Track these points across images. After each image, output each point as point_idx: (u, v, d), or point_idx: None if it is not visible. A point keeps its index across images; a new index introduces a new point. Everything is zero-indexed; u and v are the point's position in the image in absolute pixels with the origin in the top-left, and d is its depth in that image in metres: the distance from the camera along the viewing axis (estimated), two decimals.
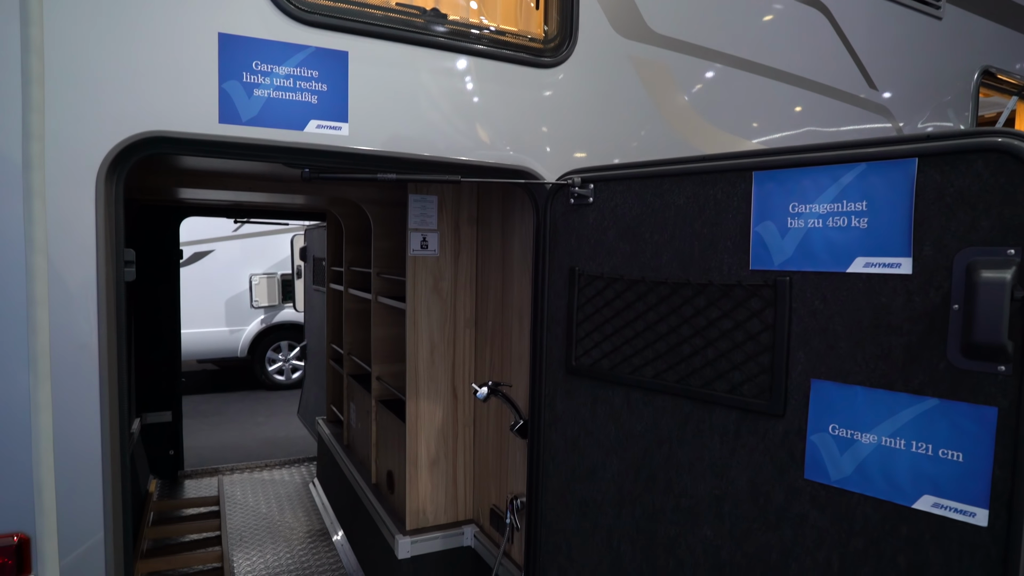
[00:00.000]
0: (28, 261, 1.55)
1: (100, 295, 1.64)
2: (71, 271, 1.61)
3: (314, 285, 5.76)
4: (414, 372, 2.87)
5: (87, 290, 1.62)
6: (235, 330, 9.21)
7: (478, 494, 3.04)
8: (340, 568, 3.56)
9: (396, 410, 3.20)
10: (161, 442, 4.86)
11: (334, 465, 4.19)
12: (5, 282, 1.53)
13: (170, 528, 3.93)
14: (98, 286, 1.64)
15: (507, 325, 2.74)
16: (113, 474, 1.69)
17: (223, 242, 9.18)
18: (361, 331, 4.13)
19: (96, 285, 1.63)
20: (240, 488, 4.76)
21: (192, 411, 8.16)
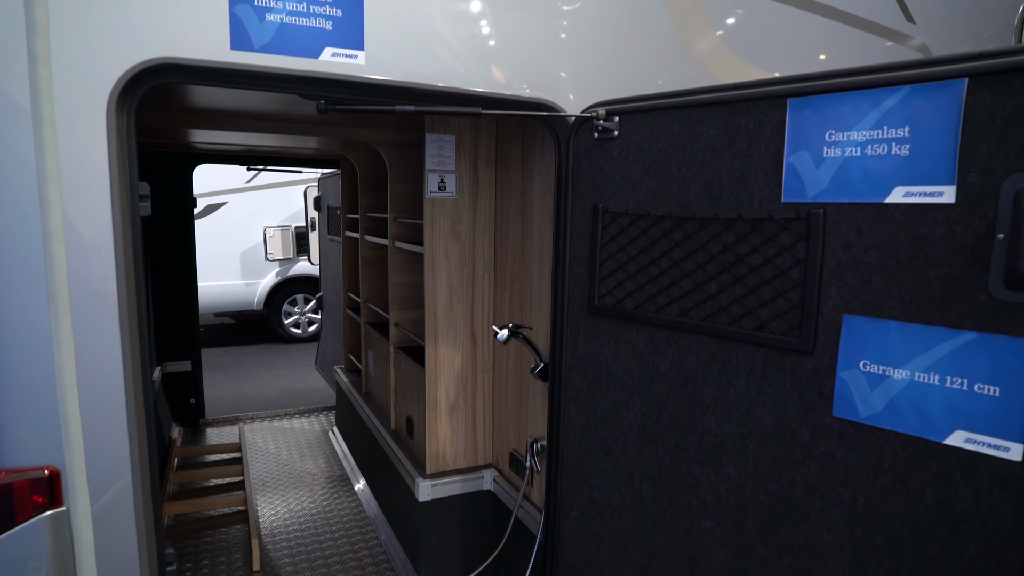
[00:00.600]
0: (42, 193, 1.56)
1: (116, 228, 1.65)
2: (85, 204, 1.62)
3: (329, 235, 5.79)
4: (432, 317, 2.89)
5: (102, 223, 1.63)
6: (251, 283, 9.33)
7: (497, 439, 3.09)
8: (361, 513, 3.66)
9: (415, 356, 3.24)
10: (182, 391, 4.99)
11: (353, 413, 4.27)
12: (20, 214, 1.55)
13: (194, 473, 4.06)
14: (113, 219, 1.65)
15: (527, 268, 2.74)
16: (137, 408, 1.74)
17: (236, 194, 9.22)
18: (378, 278, 4.16)
19: (111, 218, 1.64)
20: (261, 436, 4.90)
21: (210, 363, 8.34)
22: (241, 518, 3.58)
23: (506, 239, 2.90)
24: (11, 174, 1.54)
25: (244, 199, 9.27)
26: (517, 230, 2.81)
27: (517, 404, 2.87)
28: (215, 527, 3.49)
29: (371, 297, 4.15)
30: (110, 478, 1.70)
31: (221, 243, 9.07)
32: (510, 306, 2.89)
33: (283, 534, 3.44)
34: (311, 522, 3.56)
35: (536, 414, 2.71)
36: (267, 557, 3.22)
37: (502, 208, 2.93)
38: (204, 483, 4.04)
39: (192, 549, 3.29)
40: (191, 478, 4.02)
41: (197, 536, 3.41)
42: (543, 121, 2.12)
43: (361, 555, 3.25)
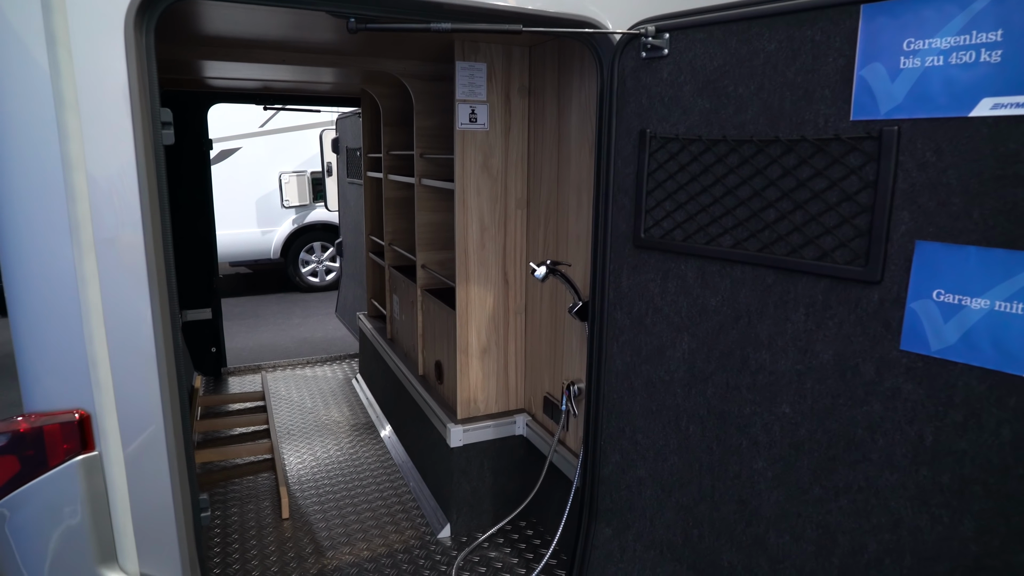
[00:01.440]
0: (60, 120, 1.54)
1: (139, 157, 1.63)
2: (106, 131, 1.59)
3: (348, 178, 5.75)
4: (463, 257, 2.87)
5: (125, 151, 1.61)
6: (267, 231, 9.38)
7: (530, 383, 3.09)
8: (388, 460, 3.73)
9: (444, 299, 3.23)
10: (203, 339, 5.07)
11: (377, 359, 4.31)
12: (38, 143, 1.53)
13: (218, 422, 4.15)
14: (136, 147, 1.62)
15: (563, 203, 2.69)
16: (167, 349, 1.75)
17: (250, 139, 9.20)
18: (402, 220, 4.13)
19: (134, 146, 1.62)
20: (284, 384, 4.98)
21: (228, 313, 8.46)
22: (267, 466, 3.67)
23: (540, 174, 2.84)
24: (26, 100, 1.52)
25: (258, 144, 9.25)
26: (552, 163, 2.75)
27: (552, 346, 2.86)
28: (242, 475, 3.58)
29: (395, 239, 4.13)
30: (141, 422, 1.73)
31: (235, 190, 9.09)
32: (544, 244, 2.86)
33: (311, 482, 3.52)
34: (338, 470, 3.63)
35: (573, 356, 2.70)
36: (295, 505, 3.30)
37: (536, 141, 2.86)
38: (229, 432, 4.14)
39: (220, 497, 3.38)
40: (215, 426, 4.11)
41: (224, 484, 3.50)
42: (585, 41, 2.04)
43: (391, 502, 3.32)
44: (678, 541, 2.08)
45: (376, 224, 4.69)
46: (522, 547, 2.96)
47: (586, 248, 2.55)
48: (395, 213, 4.11)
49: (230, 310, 8.66)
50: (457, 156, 2.76)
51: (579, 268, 2.60)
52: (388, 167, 4.02)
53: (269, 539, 3.02)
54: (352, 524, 3.13)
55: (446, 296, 3.29)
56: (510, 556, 2.90)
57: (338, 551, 2.93)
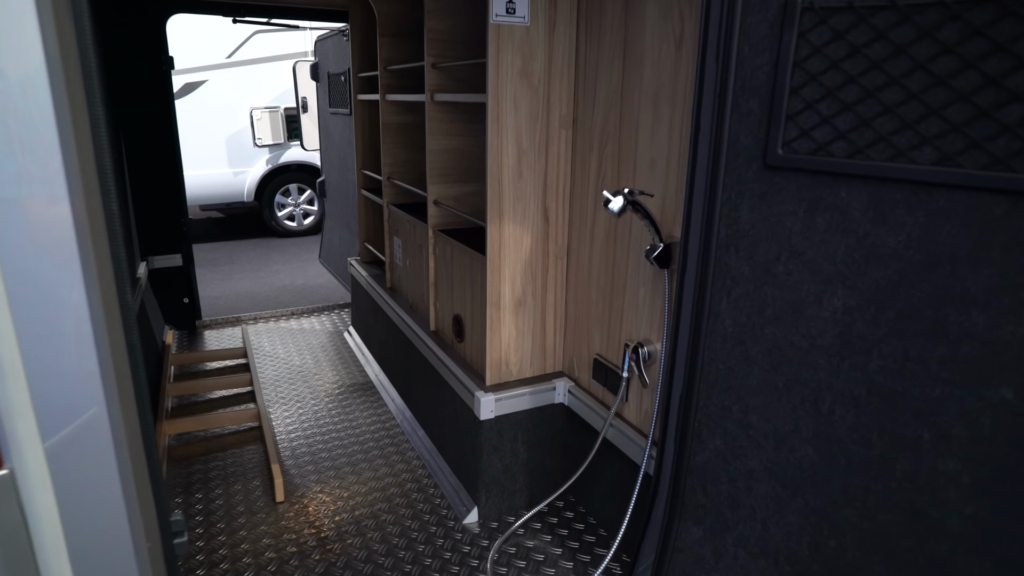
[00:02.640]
0: None
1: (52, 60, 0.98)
2: None
3: (331, 108, 5.01)
4: (496, 188, 2.26)
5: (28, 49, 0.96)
6: (239, 172, 8.57)
7: (573, 342, 2.54)
8: (396, 429, 3.17)
9: (463, 240, 2.63)
10: (173, 289, 4.38)
11: (375, 311, 3.71)
12: None
13: (194, 384, 3.53)
14: (45, 43, 0.97)
15: (629, 119, 2.07)
16: (108, 311, 1.13)
17: (216, 71, 8.28)
18: (404, 149, 3.47)
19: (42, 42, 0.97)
20: (267, 338, 4.34)
21: (201, 260, 7.73)
22: (255, 436, 3.09)
23: (594, 82, 2.21)
24: None
25: (226, 77, 8.33)
26: (613, 68, 2.12)
27: (606, 298, 2.29)
28: (225, 448, 3.00)
29: (396, 173, 3.48)
30: (72, 417, 1.12)
31: (203, 128, 8.23)
32: (600, 172, 2.25)
33: (307, 456, 2.95)
34: (338, 441, 3.07)
35: (638, 311, 2.14)
36: (291, 485, 2.74)
37: (588, 40, 2.22)
38: (207, 395, 3.53)
39: (200, 475, 2.80)
40: (191, 389, 3.49)
41: (205, 459, 2.92)
42: None
43: (403, 479, 2.79)
44: (804, 552, 1.58)
45: (370, 156, 4.01)
46: (563, 533, 2.46)
47: (665, 176, 1.96)
48: (395, 142, 3.44)
49: (203, 256, 7.91)
50: (491, 59, 2.12)
51: (654, 202, 2.01)
52: (386, 86, 3.33)
53: (262, 528, 2.47)
54: (360, 508, 2.59)
55: (465, 237, 2.69)
56: (551, 545, 2.40)
57: (345, 542, 2.39)
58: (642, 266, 2.10)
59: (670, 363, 1.82)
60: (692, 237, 1.67)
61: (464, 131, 2.79)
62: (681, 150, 1.86)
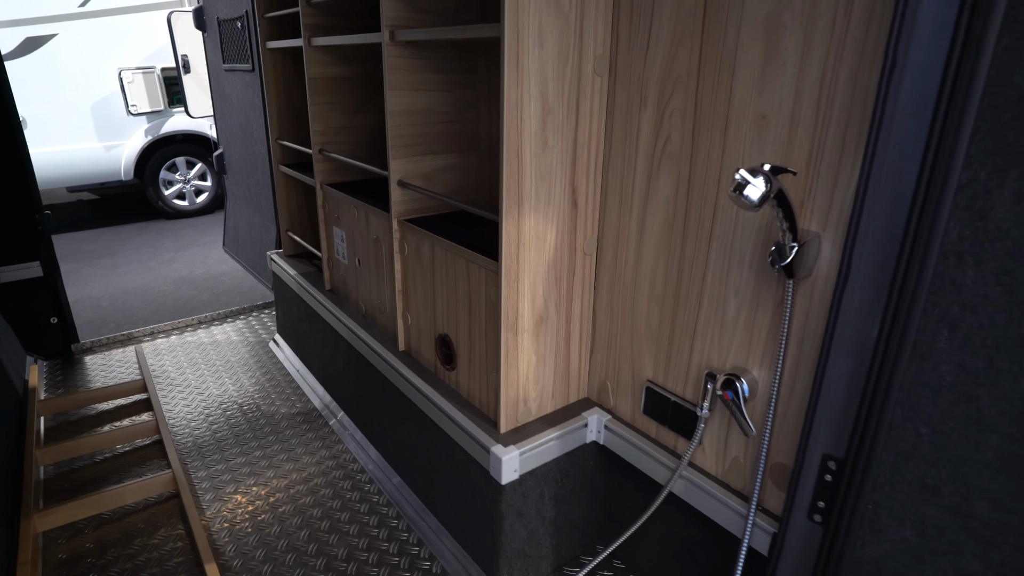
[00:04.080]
0: None
1: None
2: None
3: (225, 64, 4.01)
4: (515, 163, 1.53)
5: None
6: (112, 146, 7.22)
7: (606, 361, 1.89)
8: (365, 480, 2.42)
9: (437, 231, 1.90)
10: (34, 307, 3.34)
11: (311, 319, 2.90)
12: None
13: (77, 444, 2.54)
14: None
15: (718, 57, 1.39)
16: None
17: (68, 23, 6.83)
18: (340, 112, 2.63)
19: None
20: (171, 359, 3.40)
21: (76, 253, 6.46)
22: (172, 512, 2.26)
23: (650, 5, 1.51)
24: None
25: (82, 30, 6.89)
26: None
27: (667, 310, 1.65)
28: (131, 536, 2.16)
29: (331, 143, 2.64)
30: None
31: (59, 94, 6.80)
32: (658, 135, 1.56)
33: (253, 535, 2.17)
34: (292, 505, 2.30)
35: (726, 329, 1.51)
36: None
37: None
38: (98, 456, 2.62)
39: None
40: (73, 452, 2.53)
41: (99, 553, 2.08)
42: None
43: (387, 552, 2.08)
44: None
45: (288, 122, 3.12)
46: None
47: (787, 143, 1.30)
48: (328, 102, 2.59)
49: (77, 248, 6.62)
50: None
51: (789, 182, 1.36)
52: (312, 27, 2.47)
53: None
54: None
55: (442, 227, 1.96)
56: None
57: None
58: (733, 269, 1.46)
59: (810, 410, 1.22)
60: (871, 235, 1.05)
61: (434, 83, 2.02)
62: (822, 101, 1.21)
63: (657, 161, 1.58)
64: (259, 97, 3.53)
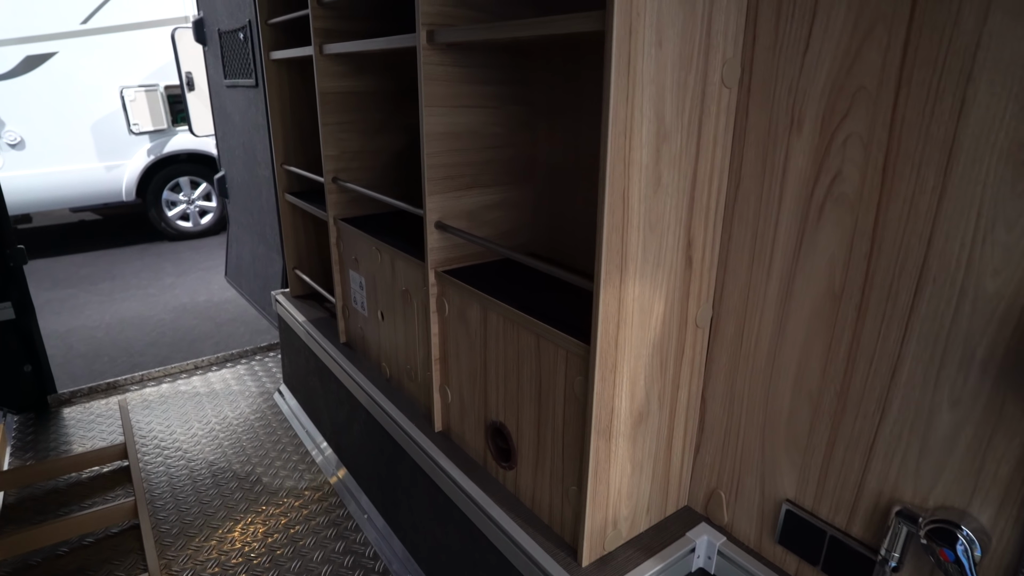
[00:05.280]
0: None
1: None
2: None
3: (226, 79, 3.55)
4: (620, 208, 1.05)
5: None
6: (113, 166, 6.77)
7: (718, 463, 1.39)
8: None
9: (479, 283, 1.42)
10: (5, 354, 2.84)
11: (322, 374, 2.41)
12: None
13: (37, 534, 1.98)
14: None
15: (941, 73, 0.90)
16: None
17: (69, 40, 6.40)
18: (358, 134, 2.14)
19: None
20: (161, 416, 2.88)
21: (73, 277, 6.00)
22: None
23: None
24: None
25: (83, 48, 6.47)
26: None
27: (823, 410, 1.14)
28: None
29: (346, 170, 2.16)
30: None
31: (59, 112, 6.37)
32: (827, 172, 1.07)
33: None
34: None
35: (930, 452, 1.00)
36: None
37: None
38: (68, 545, 2.11)
39: None
40: (36, 543, 2.02)
41: None
42: None
43: None
44: None
45: (298, 144, 2.64)
46: None
47: None
48: (343, 122, 2.11)
49: (75, 272, 6.15)
50: None
51: None
52: (323, 32, 1.99)
53: None
54: None
55: (496, 283, 1.47)
56: None
57: None
58: (950, 368, 0.97)
59: None
60: None
61: (481, 98, 1.53)
62: None
63: (818, 206, 1.09)
64: (263, 116, 3.06)
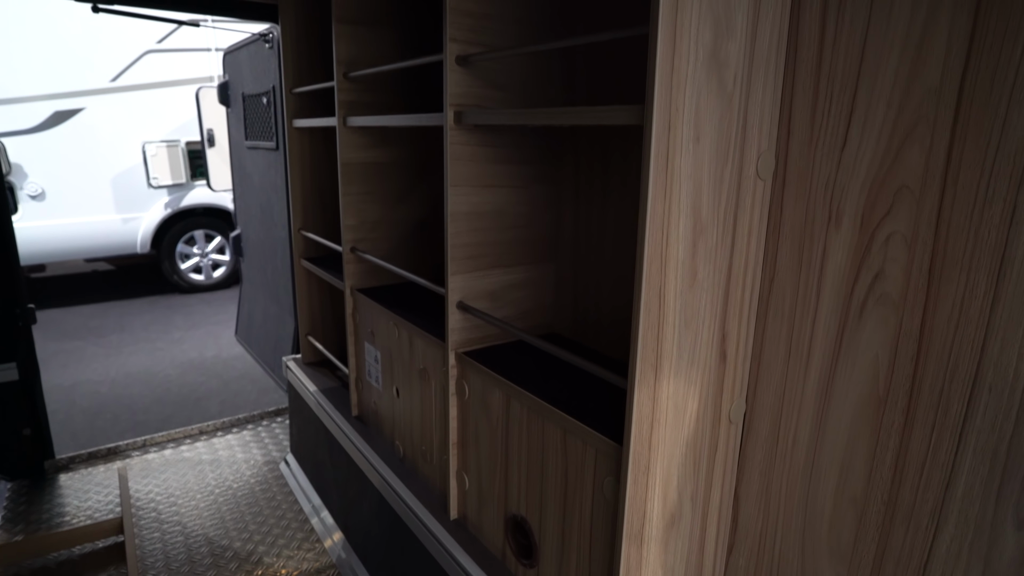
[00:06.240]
0: None
1: None
2: None
3: (248, 141, 3.62)
4: (656, 305, 1.01)
5: None
6: (130, 218, 6.86)
7: (752, 567, 1.30)
8: None
9: (498, 365, 1.38)
10: (6, 417, 2.79)
11: (332, 447, 2.35)
12: None
13: None
14: None
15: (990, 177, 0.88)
16: None
17: (98, 97, 6.60)
18: (378, 204, 2.14)
19: None
20: (160, 484, 2.79)
21: (82, 329, 6.00)
22: None
23: (851, 86, 1.01)
24: None
25: (110, 104, 6.66)
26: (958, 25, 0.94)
27: (869, 519, 1.07)
28: None
29: (365, 241, 2.15)
30: None
31: (81, 165, 6.51)
32: (865, 269, 1.03)
33: None
34: None
35: (996, 574, 0.94)
36: None
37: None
38: None
39: None
40: None
41: None
42: None
43: None
44: None
45: (317, 209, 2.65)
46: None
47: None
48: (364, 192, 2.12)
49: (84, 324, 6.15)
50: (663, 24, 0.89)
51: None
52: (348, 104, 2.02)
53: None
54: None
55: (519, 368, 1.43)
56: None
57: None
58: (1014, 483, 0.91)
59: None
60: None
61: (508, 178, 1.53)
62: None
63: (859, 304, 1.05)
64: (282, 178, 3.10)
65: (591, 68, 1.54)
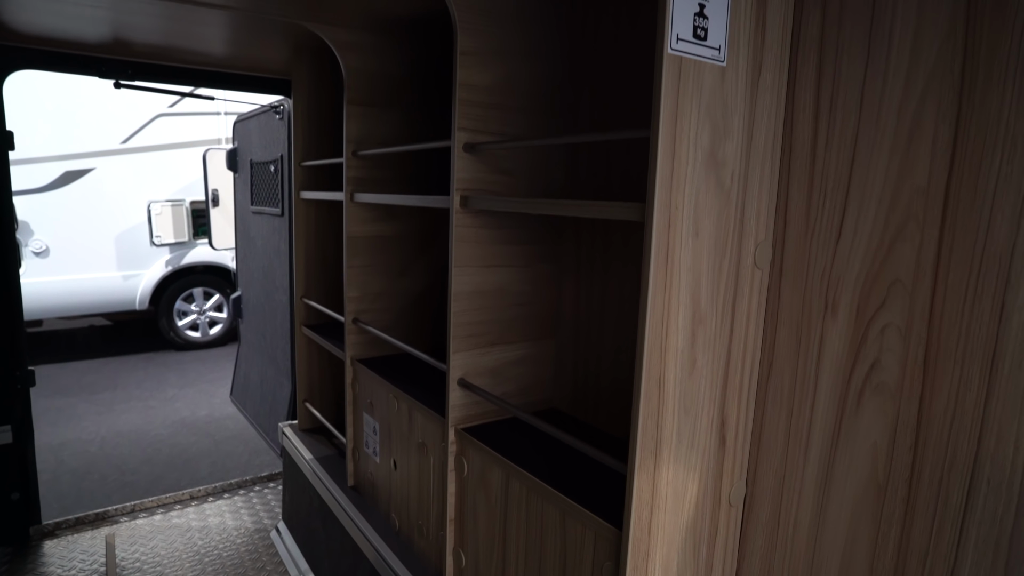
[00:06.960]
0: None
1: None
2: None
3: (253, 206, 3.69)
4: (656, 394, 1.03)
5: None
6: (130, 275, 6.90)
7: None
8: None
9: (497, 443, 1.37)
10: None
11: (325, 517, 2.30)
12: None
13: None
14: None
15: (979, 274, 0.92)
16: None
17: (107, 158, 6.74)
18: (381, 276, 2.17)
19: None
20: (148, 553, 2.70)
21: (75, 386, 5.94)
22: None
23: (843, 183, 1.06)
24: None
25: (119, 165, 6.80)
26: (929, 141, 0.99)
27: None
28: None
29: (368, 312, 2.17)
30: None
31: (88, 222, 6.59)
32: (857, 362, 1.06)
33: None
34: None
35: None
36: None
37: (821, 94, 1.08)
38: None
39: None
40: None
41: None
42: None
43: None
44: None
45: (319, 277, 2.69)
46: None
47: None
48: (368, 265, 2.16)
49: (77, 381, 6.09)
50: (664, 127, 0.93)
51: None
52: (356, 180, 2.08)
53: None
54: None
55: (519, 447, 1.43)
56: None
57: None
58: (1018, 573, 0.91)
59: None
60: None
61: (511, 258, 1.57)
62: None
63: (856, 392, 1.07)
64: (285, 243, 3.14)
65: (593, 156, 1.60)
